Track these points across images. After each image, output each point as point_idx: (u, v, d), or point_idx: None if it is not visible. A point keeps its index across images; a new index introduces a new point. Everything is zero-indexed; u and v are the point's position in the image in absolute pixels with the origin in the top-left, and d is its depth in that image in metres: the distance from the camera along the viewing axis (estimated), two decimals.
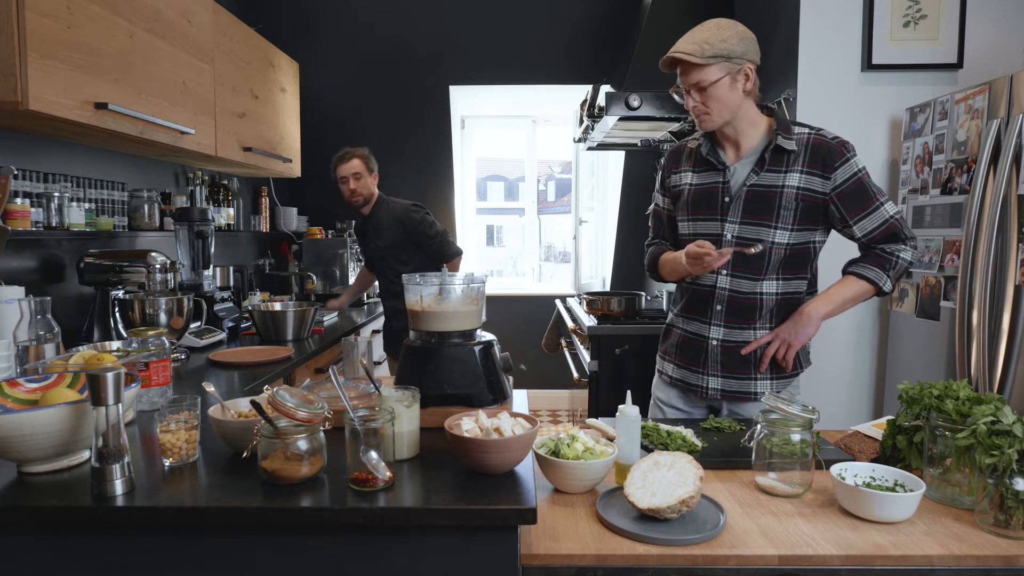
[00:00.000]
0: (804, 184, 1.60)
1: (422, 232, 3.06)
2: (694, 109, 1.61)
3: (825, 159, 1.59)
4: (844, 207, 1.60)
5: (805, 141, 1.62)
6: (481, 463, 1.10)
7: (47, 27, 1.70)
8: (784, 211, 1.60)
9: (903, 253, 1.61)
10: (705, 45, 1.54)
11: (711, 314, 1.70)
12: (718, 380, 1.71)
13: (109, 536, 1.01)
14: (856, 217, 1.60)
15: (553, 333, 3.81)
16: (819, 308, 1.63)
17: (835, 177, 1.59)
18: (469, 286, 1.43)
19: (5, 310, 1.74)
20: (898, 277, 1.63)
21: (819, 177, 1.59)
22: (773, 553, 1.03)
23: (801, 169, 1.60)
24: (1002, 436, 1.11)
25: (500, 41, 4.16)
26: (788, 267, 1.65)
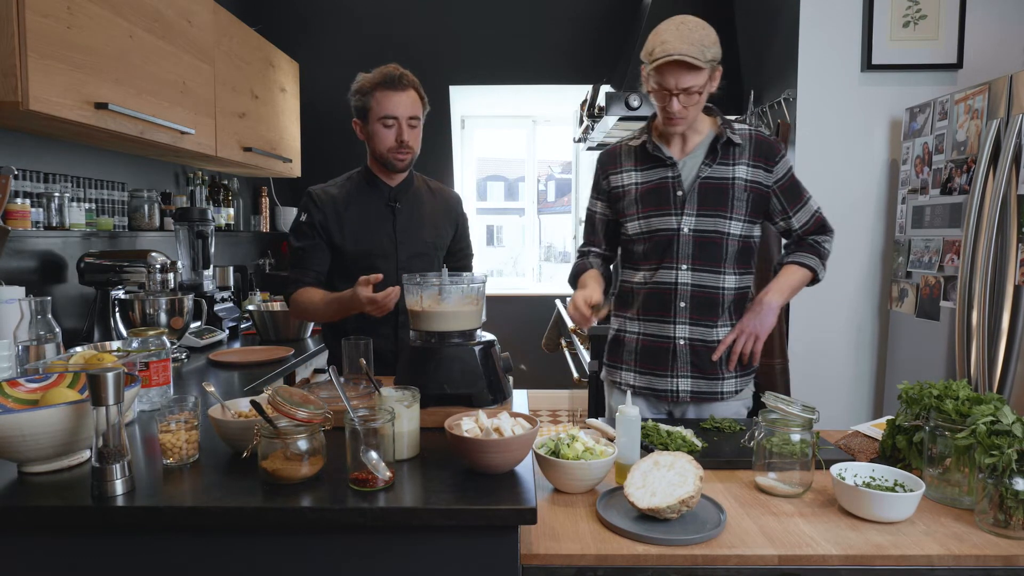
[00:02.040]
0: (751, 176, 1.65)
1: (464, 237, 2.05)
2: (677, 113, 1.59)
3: (767, 154, 1.66)
4: (785, 199, 1.68)
5: (748, 136, 1.67)
6: (481, 463, 1.10)
7: (47, 27, 1.70)
8: (737, 202, 1.64)
9: (828, 244, 1.72)
10: (704, 48, 1.54)
11: (675, 312, 1.66)
12: (688, 382, 1.68)
13: (109, 536, 1.01)
14: (794, 209, 1.69)
15: (553, 333, 3.81)
16: (775, 298, 1.67)
17: (776, 171, 1.66)
18: (469, 286, 1.43)
19: (5, 310, 1.74)
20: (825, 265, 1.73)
21: (763, 170, 1.66)
22: (773, 553, 1.03)
23: (747, 162, 1.65)
24: (1002, 436, 1.11)
25: (500, 41, 4.16)
26: (740, 261, 1.68)
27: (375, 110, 1.76)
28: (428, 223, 1.91)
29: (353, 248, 1.82)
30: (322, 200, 1.83)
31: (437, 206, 1.95)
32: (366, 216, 1.84)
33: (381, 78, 1.75)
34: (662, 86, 1.57)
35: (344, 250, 1.83)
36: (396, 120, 1.76)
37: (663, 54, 1.53)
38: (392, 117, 1.75)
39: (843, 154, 2.50)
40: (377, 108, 1.75)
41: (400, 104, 1.75)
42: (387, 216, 1.86)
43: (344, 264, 1.83)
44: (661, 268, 1.67)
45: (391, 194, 1.86)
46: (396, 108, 1.75)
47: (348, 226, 1.83)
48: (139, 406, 1.47)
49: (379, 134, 1.77)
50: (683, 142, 1.68)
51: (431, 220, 1.92)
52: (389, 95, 1.75)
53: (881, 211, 2.51)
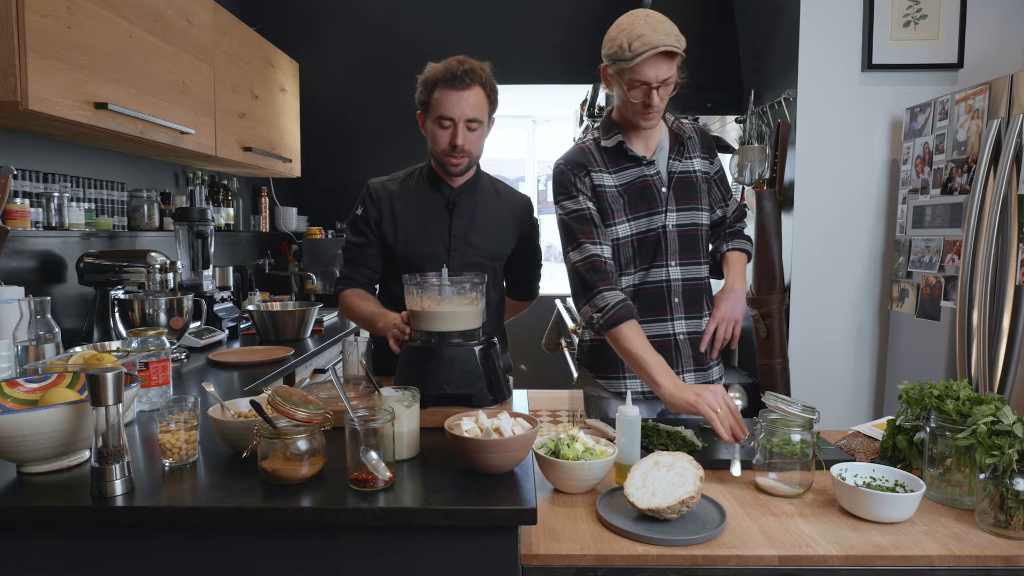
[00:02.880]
0: (703, 168, 1.71)
1: (532, 245, 1.91)
2: (655, 106, 1.54)
3: (709, 146, 1.75)
4: (721, 189, 1.77)
5: (695, 130, 1.73)
6: (481, 463, 1.10)
7: (47, 27, 1.70)
8: (702, 193, 1.69)
9: (746, 230, 1.83)
10: (678, 37, 1.51)
11: (671, 309, 1.66)
12: (692, 376, 1.68)
13: (109, 536, 1.01)
14: (728, 197, 1.79)
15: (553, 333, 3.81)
16: (742, 283, 1.68)
17: (716, 162, 1.76)
18: (469, 286, 1.43)
19: (5, 310, 1.74)
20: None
21: (708, 161, 1.72)
22: (773, 553, 1.03)
23: (699, 155, 1.71)
24: (1002, 436, 1.11)
25: (500, 41, 4.16)
26: (706, 251, 1.73)
27: (433, 107, 1.62)
28: (488, 229, 1.76)
29: (403, 250, 1.71)
30: (379, 195, 1.74)
31: (503, 211, 1.80)
32: (422, 217, 1.72)
33: (444, 72, 1.60)
34: (642, 81, 1.52)
35: (395, 250, 1.72)
36: (452, 121, 1.61)
37: (646, 47, 1.48)
38: (448, 118, 1.61)
39: (843, 154, 2.50)
40: (436, 106, 1.62)
41: (459, 104, 1.60)
42: (444, 219, 1.73)
43: (394, 265, 1.72)
44: (652, 267, 1.65)
45: (451, 196, 1.73)
46: (454, 108, 1.60)
47: (401, 226, 1.71)
48: (139, 406, 1.47)
49: (435, 134, 1.64)
50: (646, 140, 1.66)
51: (492, 226, 1.77)
52: (448, 93, 1.60)
53: (881, 211, 2.51)
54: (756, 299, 2.57)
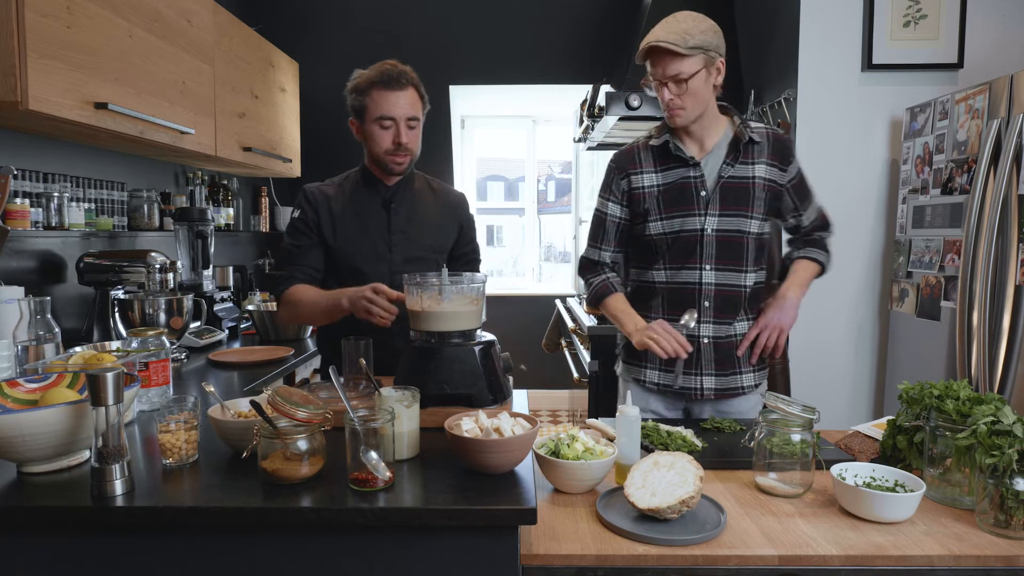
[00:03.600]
0: (768, 175, 1.68)
1: (470, 240, 1.95)
2: (670, 103, 1.60)
3: (783, 153, 1.70)
4: (796, 197, 1.73)
5: (766, 135, 1.69)
6: (481, 463, 1.10)
7: (47, 27, 1.70)
8: (756, 201, 1.67)
9: (830, 239, 1.79)
10: (687, 36, 1.54)
11: (699, 311, 1.67)
12: (712, 379, 1.70)
13: (109, 536, 1.01)
14: (804, 206, 1.74)
15: (553, 333, 3.81)
16: (796, 292, 1.70)
17: (790, 170, 1.70)
18: (469, 286, 1.43)
19: (5, 310, 1.74)
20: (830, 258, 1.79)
21: (778, 169, 1.69)
22: (773, 553, 1.03)
23: (766, 161, 1.68)
24: (1002, 436, 1.11)
25: (500, 41, 4.16)
26: (758, 258, 1.72)
27: (371, 110, 1.68)
28: (428, 225, 1.82)
29: (344, 248, 1.75)
30: (316, 198, 1.78)
31: (439, 207, 1.86)
32: (360, 217, 1.77)
33: (378, 76, 1.67)
34: (653, 76, 1.60)
35: (336, 251, 1.76)
36: (393, 121, 1.68)
37: (645, 44, 1.57)
38: (389, 118, 1.67)
39: (843, 154, 2.50)
40: (374, 108, 1.68)
41: (398, 104, 1.67)
42: (382, 217, 1.78)
43: (335, 265, 1.77)
44: (684, 268, 1.68)
45: (387, 194, 1.79)
46: (393, 108, 1.67)
47: (341, 226, 1.76)
48: (139, 406, 1.47)
49: (375, 135, 1.70)
50: (701, 141, 1.68)
51: (431, 222, 1.83)
52: (386, 94, 1.67)
53: (881, 211, 2.51)
54: None
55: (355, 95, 1.71)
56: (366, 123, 1.71)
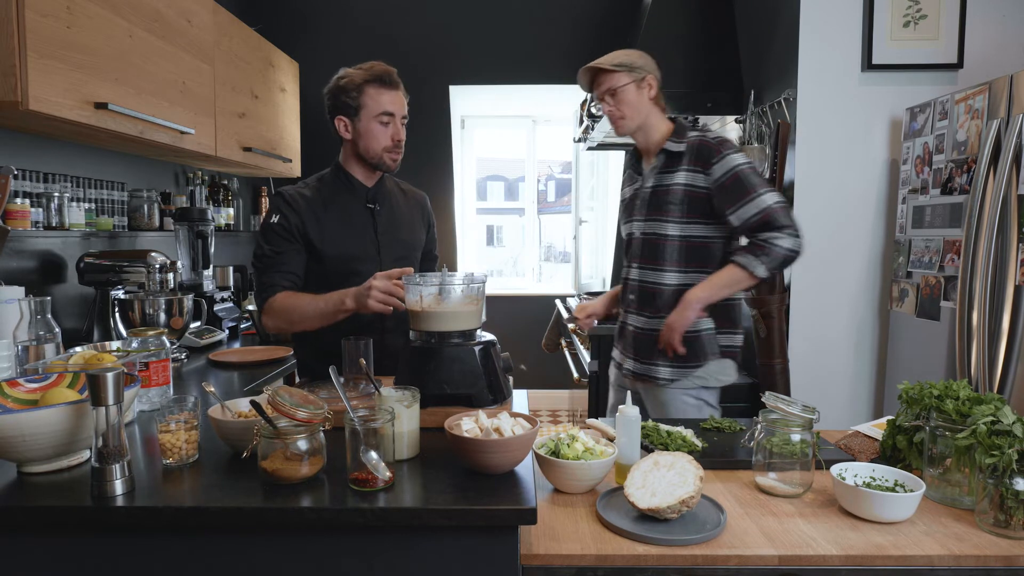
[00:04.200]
0: (688, 180, 1.82)
1: (434, 239, 2.03)
2: (609, 113, 1.88)
3: (705, 157, 1.80)
4: (724, 198, 1.78)
5: (690, 143, 1.83)
6: (481, 463, 1.10)
7: (47, 27, 1.70)
8: (673, 206, 1.83)
9: (779, 240, 1.73)
10: (613, 58, 1.85)
11: (627, 303, 1.97)
12: (632, 363, 1.96)
13: (109, 536, 1.01)
14: (733, 208, 1.77)
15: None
16: (698, 293, 1.79)
17: (714, 172, 1.78)
18: (469, 286, 1.43)
19: (5, 310, 1.74)
20: (777, 263, 1.75)
21: (700, 173, 1.80)
22: (773, 553, 1.03)
23: (685, 168, 1.82)
24: (1002, 436, 1.11)
25: (500, 41, 4.16)
26: (689, 260, 1.85)
27: (370, 107, 1.70)
28: (405, 224, 1.86)
29: (334, 253, 1.73)
30: (297, 202, 1.72)
31: (410, 207, 1.91)
32: (345, 218, 1.76)
33: (374, 75, 1.70)
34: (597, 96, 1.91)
35: (324, 255, 1.72)
36: (392, 118, 1.71)
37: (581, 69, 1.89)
38: (389, 114, 1.71)
39: (843, 154, 2.50)
40: (373, 105, 1.70)
41: (395, 102, 1.71)
42: (367, 218, 1.79)
43: (323, 270, 1.73)
44: (625, 266, 2.00)
45: (369, 195, 1.79)
46: (392, 105, 1.71)
47: (328, 229, 1.73)
48: (139, 406, 1.47)
49: (374, 132, 1.71)
50: (648, 154, 1.94)
51: (407, 219, 1.88)
52: (384, 92, 1.70)
53: (881, 211, 2.51)
54: (756, 299, 2.57)
55: (346, 93, 1.71)
56: (362, 121, 1.72)
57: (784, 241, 1.73)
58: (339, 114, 1.74)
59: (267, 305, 1.68)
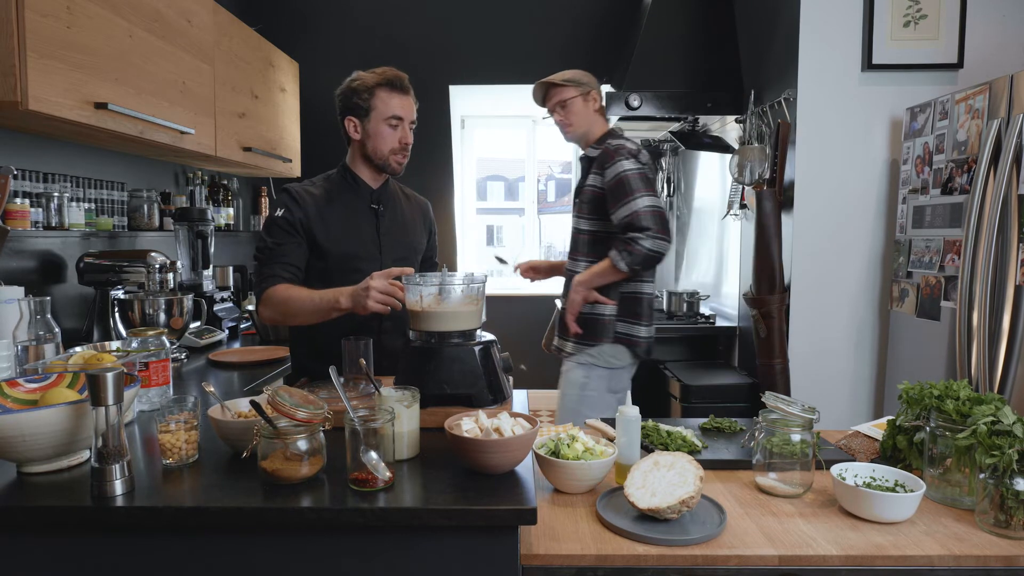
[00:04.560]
0: (593, 182, 2.15)
1: (435, 245, 2.07)
2: (559, 123, 2.24)
3: (603, 162, 2.10)
4: (609, 199, 2.08)
5: (599, 150, 2.16)
6: (481, 463, 1.10)
7: (47, 27, 1.70)
8: (583, 204, 2.19)
9: (641, 240, 1.99)
10: (562, 76, 2.22)
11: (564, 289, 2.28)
12: (556, 339, 2.32)
13: (109, 536, 1.01)
14: (614, 207, 2.06)
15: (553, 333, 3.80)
16: (579, 277, 2.13)
17: (607, 174, 2.08)
18: (469, 286, 1.43)
19: (5, 310, 1.74)
20: (640, 261, 2.01)
21: (600, 176, 2.11)
22: (773, 553, 1.03)
23: (593, 171, 2.15)
24: (1002, 436, 1.11)
25: (500, 41, 4.16)
26: (593, 251, 2.18)
27: (380, 109, 1.74)
28: (407, 225, 1.90)
29: (336, 250, 1.74)
30: (303, 198, 1.74)
31: (413, 211, 1.94)
32: (349, 217, 1.78)
33: (386, 79, 1.74)
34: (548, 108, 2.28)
35: (327, 252, 1.73)
36: (401, 122, 1.75)
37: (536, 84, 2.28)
38: (399, 118, 1.75)
39: (843, 154, 2.50)
40: (383, 108, 1.74)
41: (405, 106, 1.76)
42: (370, 218, 1.81)
43: (325, 267, 1.74)
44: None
45: (373, 196, 1.82)
46: (402, 109, 1.75)
47: (331, 227, 1.75)
48: (139, 406, 1.47)
49: (383, 135, 1.75)
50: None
51: (409, 223, 1.91)
52: (395, 96, 1.75)
53: (881, 211, 2.51)
54: (756, 299, 2.57)
55: (358, 95, 1.75)
56: (372, 122, 1.75)
57: (645, 242, 1.98)
58: (349, 115, 1.77)
59: (265, 295, 1.68)
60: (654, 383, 2.95)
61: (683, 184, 3.93)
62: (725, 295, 3.22)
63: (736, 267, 3.04)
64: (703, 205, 3.58)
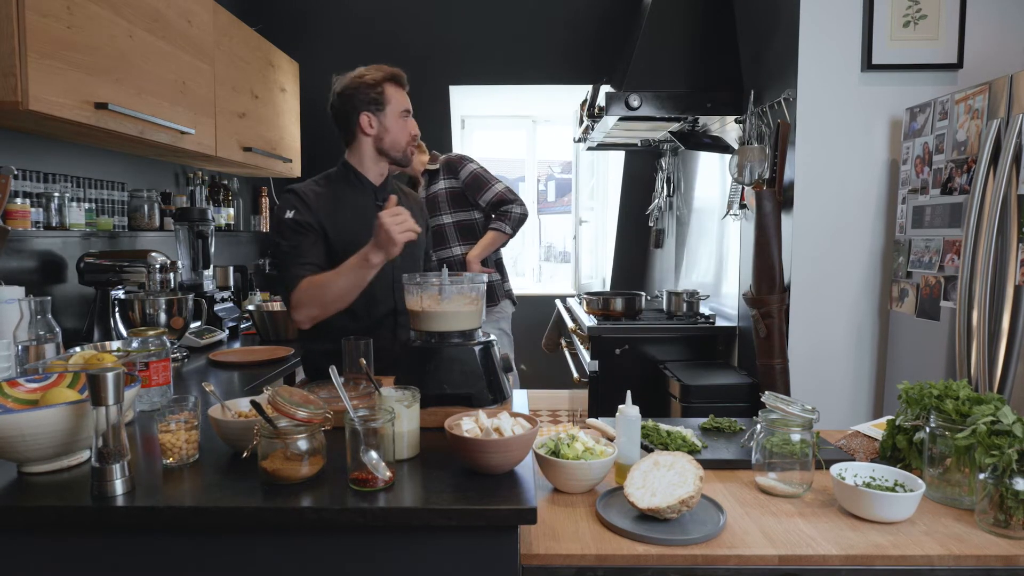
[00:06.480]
0: (447, 185, 2.81)
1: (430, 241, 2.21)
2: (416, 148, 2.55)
3: (453, 168, 2.81)
4: (470, 192, 2.79)
5: (441, 161, 2.83)
6: (481, 463, 1.10)
7: (47, 27, 1.70)
8: (442, 203, 2.81)
9: (513, 208, 2.76)
10: None
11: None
12: None
13: (109, 536, 1.01)
14: (478, 196, 2.78)
15: (553, 333, 3.81)
16: (471, 253, 2.74)
17: (461, 175, 2.80)
18: (469, 286, 1.43)
19: (5, 310, 1.74)
20: (516, 224, 2.78)
21: (452, 179, 2.81)
22: (773, 553, 1.03)
23: (443, 177, 2.83)
24: (1002, 436, 1.11)
25: (500, 41, 4.16)
26: (463, 237, 2.82)
27: (395, 104, 1.77)
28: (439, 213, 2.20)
29: (347, 249, 1.71)
30: (310, 197, 1.74)
31: (411, 206, 1.92)
32: (357, 215, 1.77)
33: (392, 74, 1.78)
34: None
35: (336, 250, 1.72)
36: (408, 115, 1.80)
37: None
38: (407, 111, 1.80)
39: (843, 154, 2.50)
40: (396, 103, 1.77)
41: (408, 100, 1.82)
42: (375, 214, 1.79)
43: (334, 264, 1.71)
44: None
45: (376, 192, 1.83)
46: (407, 103, 1.81)
47: (339, 225, 1.75)
48: (139, 406, 1.47)
49: (399, 127, 1.78)
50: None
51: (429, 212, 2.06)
52: (400, 91, 1.79)
53: (881, 211, 2.51)
54: (756, 299, 2.57)
55: (372, 89, 1.76)
56: (387, 116, 1.77)
57: (515, 208, 2.75)
58: (364, 110, 1.76)
59: (294, 298, 1.65)
60: (654, 383, 2.95)
61: (683, 184, 3.93)
62: (725, 295, 3.22)
63: (736, 267, 3.04)
64: (703, 205, 3.58)
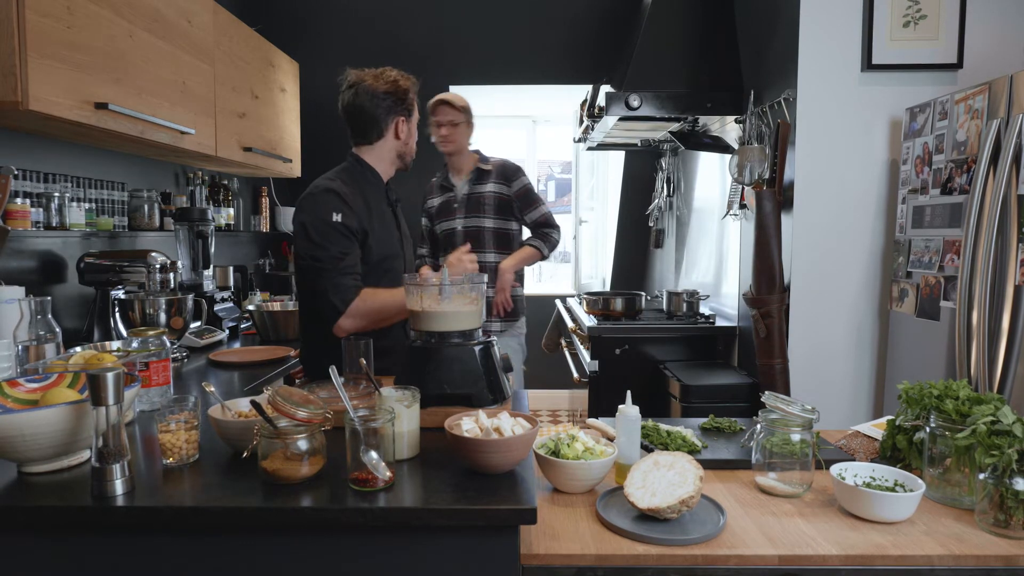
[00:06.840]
0: (496, 190, 2.70)
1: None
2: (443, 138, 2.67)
3: (508, 176, 2.72)
4: (518, 204, 2.73)
5: (494, 164, 2.73)
6: (481, 463, 1.10)
7: (47, 27, 1.70)
8: (487, 206, 2.69)
9: (554, 234, 2.77)
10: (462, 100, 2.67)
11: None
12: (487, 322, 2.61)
13: (109, 536, 1.01)
14: (525, 211, 2.75)
15: (553, 333, 3.81)
16: (506, 263, 2.65)
17: (514, 186, 2.72)
18: (469, 286, 1.43)
19: (5, 310, 1.74)
20: (552, 248, 2.78)
21: (504, 185, 2.71)
22: (773, 553, 1.03)
23: (493, 181, 2.70)
24: (1002, 436, 1.11)
25: (500, 41, 4.16)
26: (498, 245, 2.72)
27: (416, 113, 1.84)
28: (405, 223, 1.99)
29: (379, 252, 1.73)
30: (350, 199, 1.69)
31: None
32: (381, 218, 1.77)
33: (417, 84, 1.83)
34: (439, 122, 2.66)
35: (371, 254, 1.71)
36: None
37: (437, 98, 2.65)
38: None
39: (843, 154, 2.50)
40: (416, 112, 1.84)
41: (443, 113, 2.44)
42: (392, 216, 1.84)
43: (367, 270, 1.72)
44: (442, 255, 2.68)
45: (389, 194, 1.87)
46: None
47: (374, 229, 1.72)
48: (139, 406, 1.47)
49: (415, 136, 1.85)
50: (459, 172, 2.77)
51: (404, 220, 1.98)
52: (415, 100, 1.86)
53: (881, 211, 2.51)
54: (756, 299, 2.57)
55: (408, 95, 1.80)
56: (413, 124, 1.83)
57: (555, 234, 2.77)
58: (400, 115, 1.79)
59: (352, 308, 1.64)
60: (654, 383, 2.95)
61: (683, 184, 3.93)
62: (725, 295, 3.22)
63: (736, 267, 3.04)
64: (703, 205, 3.58)
